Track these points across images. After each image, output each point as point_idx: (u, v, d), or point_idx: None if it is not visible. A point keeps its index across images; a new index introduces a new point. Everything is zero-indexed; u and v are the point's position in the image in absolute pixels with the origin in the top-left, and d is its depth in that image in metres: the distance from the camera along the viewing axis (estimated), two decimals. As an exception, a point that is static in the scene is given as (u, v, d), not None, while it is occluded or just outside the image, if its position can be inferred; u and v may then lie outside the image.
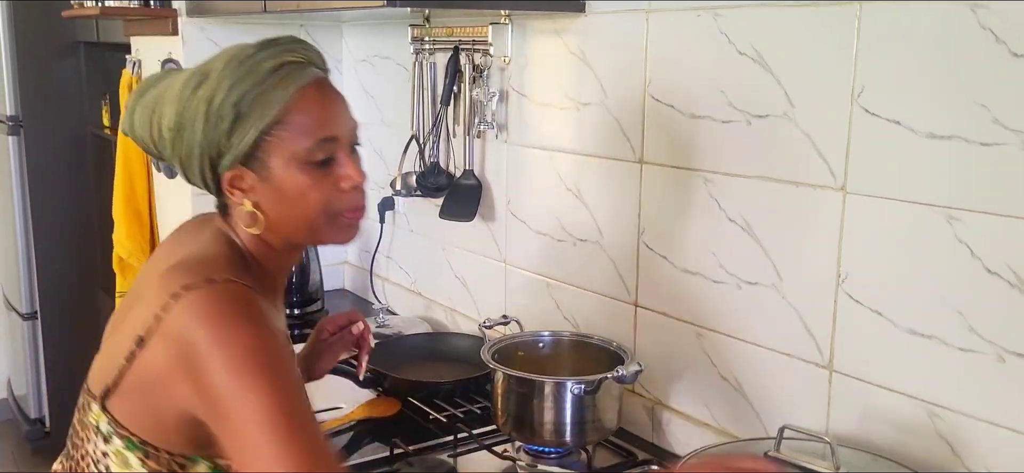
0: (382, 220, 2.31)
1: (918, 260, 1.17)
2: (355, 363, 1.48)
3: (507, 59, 1.83)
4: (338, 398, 1.77)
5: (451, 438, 1.57)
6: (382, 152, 2.34)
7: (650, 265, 1.57)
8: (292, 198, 1.00)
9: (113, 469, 0.99)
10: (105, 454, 1.00)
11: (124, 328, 0.99)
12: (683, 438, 1.53)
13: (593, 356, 1.58)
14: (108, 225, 2.85)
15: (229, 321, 0.91)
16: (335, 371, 1.79)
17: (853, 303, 1.25)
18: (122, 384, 0.98)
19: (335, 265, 2.56)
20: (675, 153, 1.49)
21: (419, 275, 2.27)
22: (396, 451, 1.49)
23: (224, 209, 1.05)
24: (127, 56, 2.73)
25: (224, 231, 1.05)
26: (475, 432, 1.57)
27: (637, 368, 1.41)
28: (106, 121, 3.42)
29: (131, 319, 0.98)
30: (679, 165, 1.49)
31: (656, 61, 1.50)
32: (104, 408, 0.99)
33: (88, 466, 1.02)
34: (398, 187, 2.11)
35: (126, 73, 2.73)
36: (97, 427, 1.00)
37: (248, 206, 1.00)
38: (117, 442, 0.99)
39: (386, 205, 2.29)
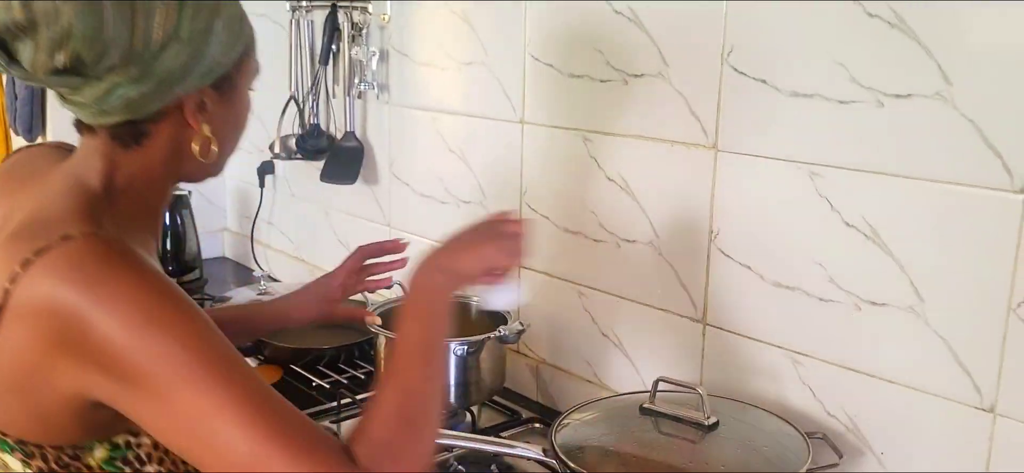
0: (262, 185, 2.24)
1: (783, 215, 1.21)
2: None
3: (386, 17, 1.79)
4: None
5: (334, 404, 1.54)
6: (260, 114, 2.25)
7: (532, 225, 1.57)
8: (241, 120, 0.95)
9: None
10: None
11: None
12: (568, 396, 1.56)
13: (476, 317, 1.57)
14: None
15: (107, 275, 0.76)
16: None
17: (724, 258, 1.29)
18: None
19: (214, 232, 2.47)
20: (556, 113, 1.50)
21: (301, 240, 2.22)
22: (276, 420, 1.45)
23: (138, 138, 0.87)
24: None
25: (74, 173, 0.88)
26: (359, 398, 1.55)
27: (520, 328, 1.42)
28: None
29: None
30: (559, 125, 1.49)
31: (535, 20, 1.50)
32: None
33: None
34: (277, 150, 2.05)
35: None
36: None
37: (206, 132, 0.88)
38: None
39: (265, 169, 2.22)
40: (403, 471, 0.82)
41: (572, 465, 1.08)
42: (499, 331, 1.41)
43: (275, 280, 2.25)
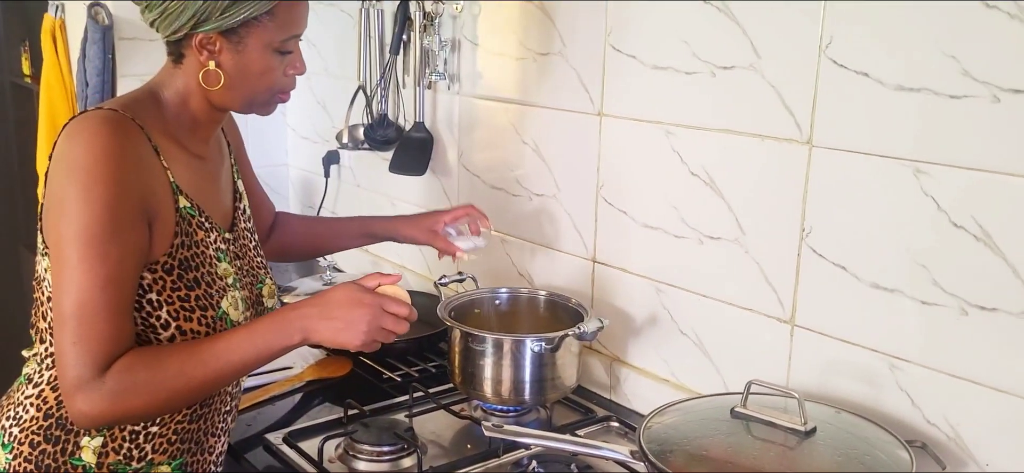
0: (327, 174, 2.24)
1: (883, 214, 1.16)
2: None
3: (459, 7, 1.76)
4: (287, 358, 1.71)
5: (406, 397, 1.53)
6: (326, 104, 2.25)
7: (609, 220, 1.54)
8: (255, 74, 1.16)
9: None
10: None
11: None
12: (642, 394, 1.53)
13: (551, 313, 1.55)
14: (30, 178, 2.69)
15: (80, 138, 1.05)
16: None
17: (816, 257, 1.25)
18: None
19: (277, 221, 2.47)
20: (636, 105, 1.46)
21: (366, 231, 2.21)
22: (351, 412, 1.44)
23: (178, 59, 1.17)
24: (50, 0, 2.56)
25: (151, 86, 1.19)
26: (431, 391, 1.54)
27: (598, 325, 1.39)
28: (26, 69, 3.22)
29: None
30: (640, 118, 1.46)
31: (617, 10, 1.46)
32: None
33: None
34: (344, 140, 2.04)
35: (48, 18, 2.56)
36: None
37: (212, 66, 1.14)
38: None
39: (331, 159, 2.22)
40: (124, 399, 1.04)
41: (663, 467, 1.05)
42: (577, 328, 1.38)
43: (339, 270, 2.25)
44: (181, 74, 1.17)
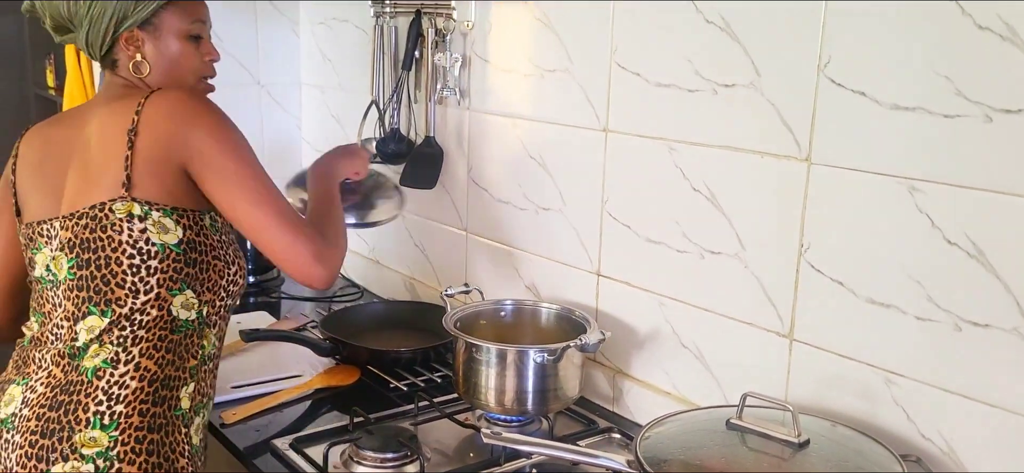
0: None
1: (879, 230, 1.18)
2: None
3: (470, 24, 1.80)
4: (297, 366, 1.75)
5: (412, 406, 1.56)
6: (340, 117, 2.30)
7: (613, 234, 1.57)
8: (173, 60, 1.39)
9: (153, 239, 1.26)
10: (143, 231, 1.26)
11: (94, 155, 1.29)
12: (644, 406, 1.54)
13: (555, 325, 1.58)
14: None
15: (196, 104, 1.30)
16: (295, 339, 1.78)
17: (814, 272, 1.26)
18: (134, 174, 1.25)
19: (291, 232, 2.51)
20: (640, 121, 1.49)
21: (377, 243, 2.24)
22: (356, 419, 1.47)
23: (114, 65, 1.38)
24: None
25: (107, 88, 1.39)
26: (436, 400, 1.56)
27: (600, 337, 1.41)
28: (50, 81, 3.30)
29: (101, 143, 1.29)
30: (644, 134, 1.48)
31: (623, 28, 1.49)
32: (133, 198, 1.26)
33: (124, 256, 1.25)
34: (357, 153, 2.07)
35: (72, 31, 2.63)
36: (129, 215, 1.25)
37: (138, 58, 1.36)
38: (154, 215, 1.26)
39: (344, 172, 2.25)
40: (337, 247, 1.37)
41: (658, 477, 1.07)
42: (580, 339, 1.41)
43: (353, 282, 2.29)
44: (121, 77, 1.38)
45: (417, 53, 1.91)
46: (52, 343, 1.29)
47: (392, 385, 1.67)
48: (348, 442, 1.38)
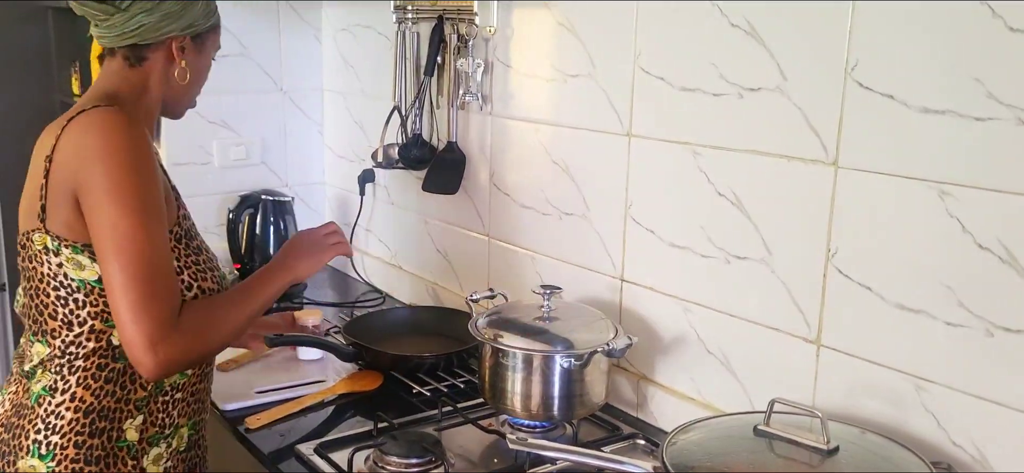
0: (362, 193, 2.28)
1: (909, 235, 1.17)
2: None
3: (492, 29, 1.80)
4: (320, 372, 1.75)
5: (436, 412, 1.56)
6: (362, 123, 2.31)
7: (637, 239, 1.56)
8: (202, 76, 1.40)
9: (71, 275, 1.21)
10: (60, 266, 1.21)
11: (30, 172, 1.24)
12: (668, 412, 1.53)
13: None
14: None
15: (105, 131, 1.18)
16: (319, 345, 1.78)
17: (842, 278, 1.25)
18: (48, 204, 1.20)
19: (313, 238, 2.52)
20: (664, 126, 1.48)
21: (399, 248, 2.25)
22: (380, 425, 1.47)
23: (140, 60, 1.31)
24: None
25: (96, 86, 1.32)
26: (460, 406, 1.56)
27: (627, 342, 1.40)
28: (76, 89, 3.33)
29: (35, 161, 1.23)
30: (668, 138, 1.48)
31: (646, 32, 1.49)
32: (46, 230, 1.20)
33: (50, 288, 1.22)
34: (379, 159, 2.08)
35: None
36: (45, 248, 1.21)
37: (182, 64, 1.34)
38: (65, 251, 1.21)
39: (366, 177, 2.26)
40: (190, 343, 1.21)
41: (685, 484, 1.06)
42: (606, 345, 1.40)
43: (375, 287, 2.30)
44: (137, 75, 1.32)
45: (439, 59, 1.91)
46: (23, 360, 1.29)
47: (415, 390, 1.67)
48: (373, 447, 1.39)
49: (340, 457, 1.38)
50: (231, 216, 2.24)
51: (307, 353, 1.79)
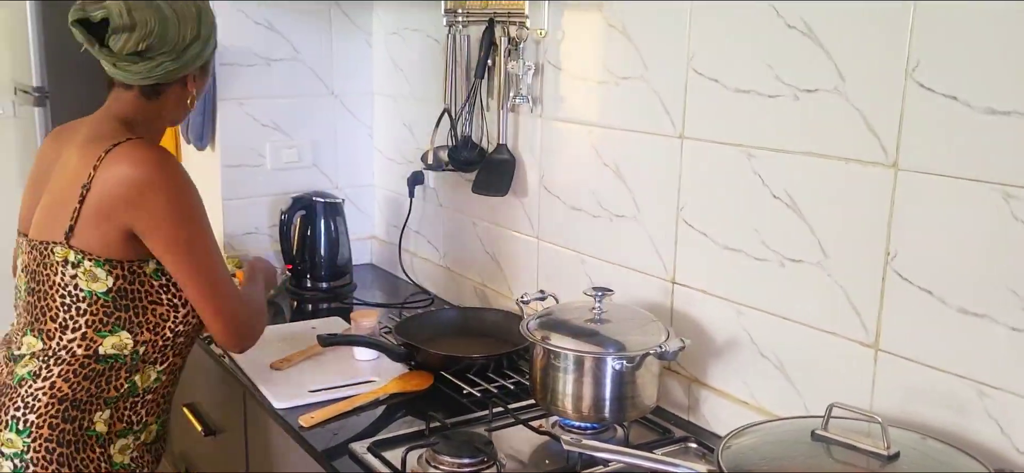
0: (412, 195, 2.30)
1: (971, 238, 1.15)
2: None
3: (543, 32, 1.81)
4: (371, 372, 1.77)
5: (486, 412, 1.56)
6: (412, 126, 2.33)
7: (689, 241, 1.55)
8: (201, 93, 1.54)
9: (82, 286, 1.37)
10: (74, 277, 1.36)
11: (56, 191, 1.40)
12: (721, 416, 1.52)
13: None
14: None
15: (155, 160, 1.37)
16: (370, 344, 1.80)
17: (902, 281, 1.23)
18: (78, 225, 1.35)
19: (362, 239, 2.56)
20: (718, 128, 1.47)
21: (448, 250, 2.26)
22: (433, 425, 1.49)
23: (155, 93, 1.46)
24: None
25: (111, 113, 1.46)
26: (511, 407, 1.57)
27: (680, 345, 1.40)
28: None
29: (63, 183, 1.39)
30: (722, 140, 1.47)
31: (700, 34, 1.48)
32: (70, 246, 1.36)
33: (57, 295, 1.37)
34: (429, 161, 2.10)
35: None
36: (65, 260, 1.36)
37: (194, 92, 1.49)
38: (86, 264, 1.36)
39: (416, 179, 2.28)
40: (254, 327, 1.53)
41: (742, 488, 1.05)
42: (659, 347, 1.40)
43: (424, 289, 2.31)
44: (154, 106, 1.47)
45: (490, 61, 1.92)
46: (10, 345, 1.45)
47: (465, 391, 1.68)
48: (425, 447, 1.40)
49: (393, 456, 1.40)
50: (284, 217, 2.28)
51: (363, 353, 1.82)
